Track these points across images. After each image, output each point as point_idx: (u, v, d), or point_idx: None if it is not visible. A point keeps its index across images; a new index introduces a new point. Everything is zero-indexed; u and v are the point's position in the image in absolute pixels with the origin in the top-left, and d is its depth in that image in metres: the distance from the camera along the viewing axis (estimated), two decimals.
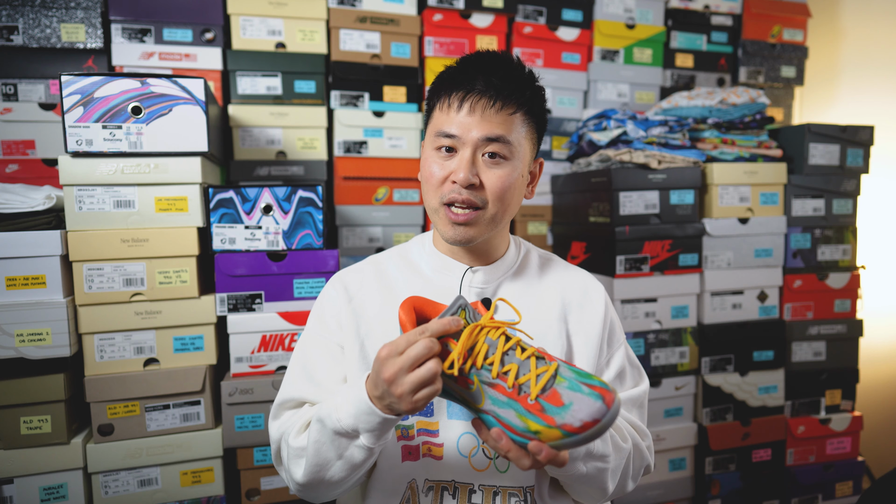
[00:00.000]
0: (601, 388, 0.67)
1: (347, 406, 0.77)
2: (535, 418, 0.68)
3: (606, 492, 0.88)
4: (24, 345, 1.20)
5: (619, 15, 2.03)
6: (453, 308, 0.73)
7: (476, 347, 0.71)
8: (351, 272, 1.01)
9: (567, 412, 0.66)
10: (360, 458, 0.79)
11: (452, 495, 0.89)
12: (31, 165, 1.52)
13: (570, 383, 0.68)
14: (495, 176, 0.88)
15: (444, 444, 0.90)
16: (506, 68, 0.89)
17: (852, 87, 2.39)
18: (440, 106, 0.91)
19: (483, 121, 0.87)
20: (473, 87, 0.87)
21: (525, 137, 0.92)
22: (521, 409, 0.69)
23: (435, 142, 0.90)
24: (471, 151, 0.87)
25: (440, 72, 0.94)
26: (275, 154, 1.72)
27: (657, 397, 1.74)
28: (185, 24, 1.64)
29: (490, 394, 0.71)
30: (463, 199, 0.87)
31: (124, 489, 1.30)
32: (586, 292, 1.00)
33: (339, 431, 0.78)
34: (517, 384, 0.70)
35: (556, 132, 2.01)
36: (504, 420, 0.70)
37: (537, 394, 0.68)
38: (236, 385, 1.35)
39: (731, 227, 1.75)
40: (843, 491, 1.92)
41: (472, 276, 0.96)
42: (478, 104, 0.87)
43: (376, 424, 0.75)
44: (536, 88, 0.93)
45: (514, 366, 0.70)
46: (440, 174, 0.89)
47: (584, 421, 0.66)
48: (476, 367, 0.71)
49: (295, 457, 0.85)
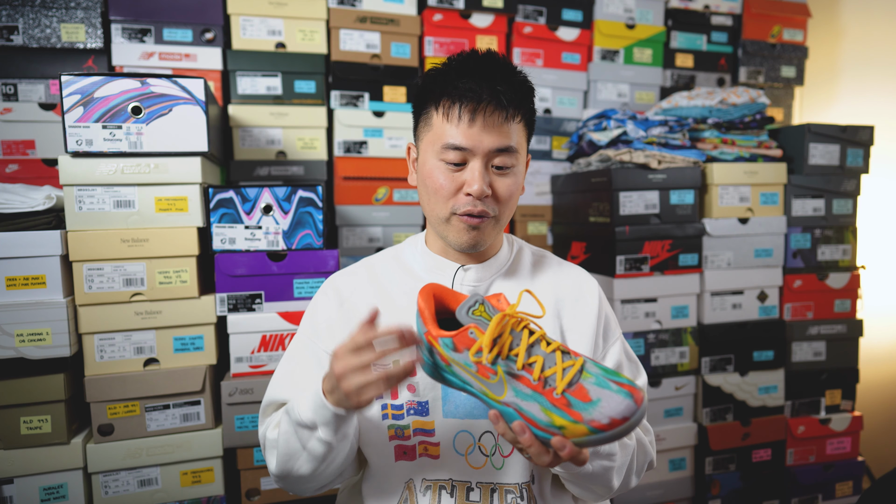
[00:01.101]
0: (630, 385, 0.66)
1: (307, 401, 0.81)
2: (561, 413, 0.66)
3: (611, 489, 0.88)
4: (24, 345, 1.20)
5: (619, 15, 2.03)
6: (471, 302, 0.73)
7: (502, 338, 0.70)
8: (343, 275, 1.02)
9: (595, 408, 0.65)
10: (320, 451, 0.82)
11: (450, 494, 0.89)
12: (31, 165, 1.52)
13: (598, 379, 0.67)
14: (504, 185, 0.90)
15: (440, 443, 0.90)
16: (507, 75, 0.89)
17: (852, 87, 2.39)
18: (445, 116, 0.89)
19: (493, 132, 0.87)
20: (482, 98, 0.86)
21: (523, 139, 0.93)
22: (547, 402, 0.67)
23: (441, 153, 0.89)
24: (483, 163, 0.88)
25: (431, 71, 0.92)
26: (275, 154, 1.72)
27: (657, 397, 1.74)
28: (185, 24, 1.64)
29: (514, 385, 0.69)
30: (479, 211, 0.89)
31: (124, 489, 1.30)
32: (579, 288, 1.00)
33: (300, 423, 0.82)
34: (543, 377, 0.68)
35: (556, 132, 2.01)
36: (527, 413, 0.68)
37: (564, 388, 0.66)
38: (236, 385, 1.35)
39: (731, 227, 1.75)
40: (843, 491, 1.92)
41: (463, 275, 0.96)
42: (490, 117, 0.87)
43: (329, 418, 0.78)
44: (532, 91, 0.93)
45: (539, 358, 0.69)
46: (450, 186, 0.89)
47: (612, 418, 0.64)
48: (501, 357, 0.69)
49: (270, 447, 0.90)
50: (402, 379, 0.73)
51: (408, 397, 0.90)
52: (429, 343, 0.74)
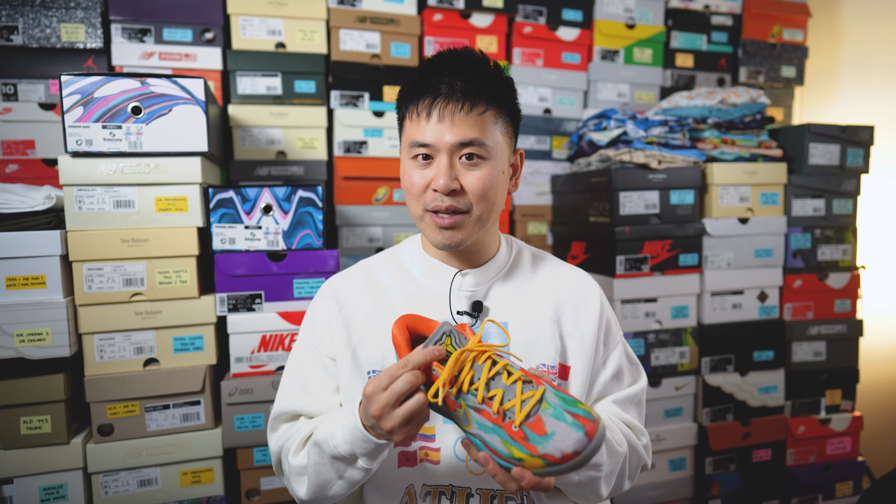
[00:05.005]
0: (585, 418, 0.67)
1: (343, 432, 0.79)
2: (519, 446, 0.68)
3: (601, 496, 0.88)
4: (24, 345, 1.20)
5: (619, 15, 2.02)
6: (438, 335, 0.74)
7: (462, 373, 0.72)
8: (341, 279, 1.01)
9: (549, 442, 0.67)
10: (359, 478, 0.83)
11: (450, 500, 0.89)
12: (31, 165, 1.52)
13: (555, 410, 0.68)
14: (475, 177, 0.88)
15: (440, 449, 0.90)
16: (469, 67, 0.87)
17: (852, 87, 2.39)
18: (409, 115, 0.89)
19: (454, 125, 0.86)
20: (439, 93, 0.85)
21: (501, 133, 0.90)
22: (506, 435, 0.69)
23: (410, 152, 0.89)
24: (447, 158, 0.86)
25: (405, 80, 0.92)
26: (275, 154, 1.72)
27: (657, 397, 1.74)
28: (185, 24, 1.64)
29: (476, 418, 0.71)
30: (447, 207, 0.87)
31: (124, 489, 1.30)
32: (581, 292, 0.99)
33: (337, 457, 0.81)
34: (502, 410, 0.70)
35: (556, 132, 2.01)
36: (490, 445, 0.70)
37: (521, 420, 0.68)
38: (236, 385, 1.35)
39: (731, 227, 1.75)
40: (843, 491, 1.92)
41: (461, 280, 0.95)
42: (446, 109, 0.85)
43: (372, 449, 0.78)
44: (504, 81, 0.91)
45: (499, 391, 0.71)
46: (420, 183, 0.88)
47: (564, 453, 0.66)
48: (462, 391, 0.71)
49: (297, 475, 0.88)
50: None
51: None
52: None
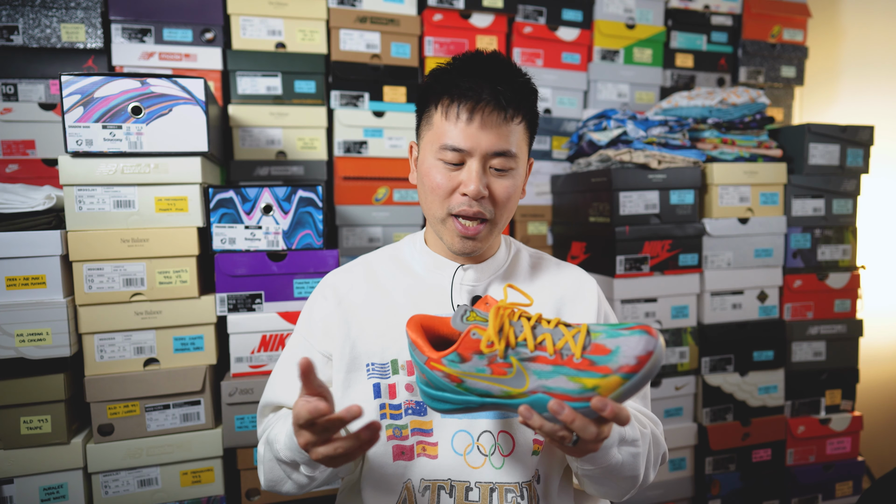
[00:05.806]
0: (639, 325, 0.66)
1: (285, 439, 0.82)
2: (589, 374, 0.65)
3: (638, 479, 0.87)
4: (24, 345, 1.20)
5: (619, 15, 2.02)
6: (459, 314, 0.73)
7: (504, 329, 0.70)
8: (341, 273, 1.02)
9: (618, 356, 0.64)
10: (305, 481, 0.87)
11: (449, 494, 0.89)
12: (31, 165, 1.52)
13: (608, 333, 0.67)
14: (503, 186, 0.90)
15: (438, 443, 0.90)
16: (510, 75, 0.89)
17: (852, 87, 2.39)
18: (444, 114, 0.89)
19: (491, 133, 0.87)
20: (481, 98, 0.86)
21: (524, 142, 0.93)
22: (572, 371, 0.66)
23: (440, 153, 0.89)
24: (479, 164, 0.88)
25: (436, 70, 0.92)
26: (275, 154, 1.72)
27: (657, 397, 1.73)
28: (185, 24, 1.64)
29: (533, 368, 0.68)
30: (474, 212, 0.88)
31: (124, 489, 1.30)
32: (579, 287, 1.00)
33: (280, 460, 0.85)
34: (557, 350, 0.68)
35: (556, 132, 2.01)
36: (556, 390, 0.67)
37: (581, 352, 0.66)
38: (236, 385, 1.35)
39: (731, 227, 1.75)
40: (843, 491, 1.92)
41: (463, 274, 0.96)
42: (488, 117, 0.86)
43: (308, 461, 0.79)
44: (535, 93, 0.93)
45: (547, 335, 0.69)
46: (447, 185, 0.89)
47: (638, 356, 0.64)
48: (511, 346, 0.69)
49: (259, 462, 0.93)
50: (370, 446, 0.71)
51: (406, 397, 0.90)
52: (432, 370, 0.73)
